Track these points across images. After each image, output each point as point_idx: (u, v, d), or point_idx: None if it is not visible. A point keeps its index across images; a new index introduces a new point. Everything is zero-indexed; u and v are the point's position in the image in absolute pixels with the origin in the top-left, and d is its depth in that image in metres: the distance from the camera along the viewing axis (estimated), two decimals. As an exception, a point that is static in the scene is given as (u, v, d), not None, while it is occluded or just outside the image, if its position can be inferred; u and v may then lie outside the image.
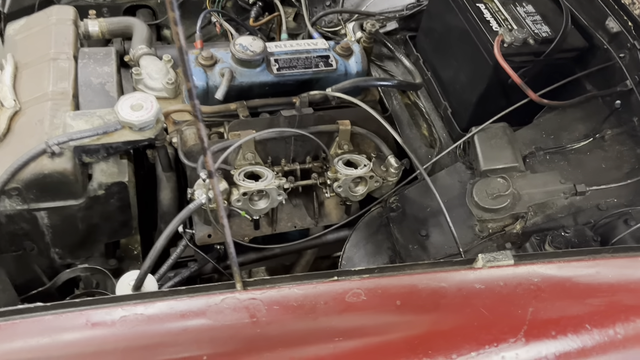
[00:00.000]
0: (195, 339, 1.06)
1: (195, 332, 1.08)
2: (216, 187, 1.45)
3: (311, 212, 1.80)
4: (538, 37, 1.74)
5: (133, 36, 1.85)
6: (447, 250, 1.65)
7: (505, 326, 1.08)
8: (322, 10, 2.13)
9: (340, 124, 1.64)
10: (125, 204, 1.72)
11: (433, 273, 1.17)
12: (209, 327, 1.09)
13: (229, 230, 1.52)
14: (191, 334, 1.07)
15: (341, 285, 1.15)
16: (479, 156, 1.67)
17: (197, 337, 1.07)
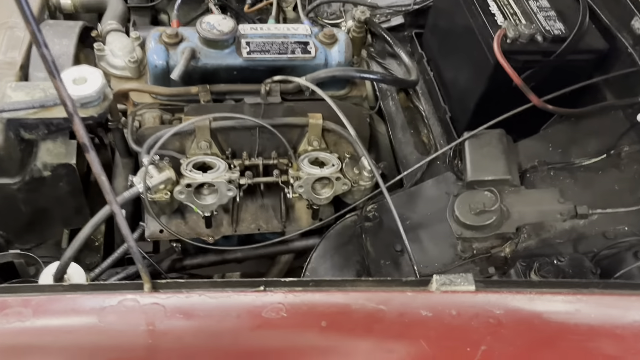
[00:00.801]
0: (71, 343, 0.92)
1: (76, 335, 0.94)
2: (145, 171, 1.33)
3: (278, 215, 1.65)
4: (549, 34, 1.54)
5: (105, 11, 1.75)
6: (423, 270, 1.46)
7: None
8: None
9: (310, 117, 1.48)
10: (76, 189, 1.61)
11: (373, 292, 0.99)
12: (95, 330, 0.94)
13: (155, 219, 1.39)
14: (69, 336, 0.93)
15: (261, 297, 0.98)
16: (467, 164, 1.48)
17: (74, 341, 0.92)
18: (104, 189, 0.89)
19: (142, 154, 1.37)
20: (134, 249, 0.97)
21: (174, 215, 1.60)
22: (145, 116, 1.55)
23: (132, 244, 0.97)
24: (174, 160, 1.41)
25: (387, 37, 1.98)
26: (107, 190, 0.90)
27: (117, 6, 1.76)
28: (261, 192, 1.63)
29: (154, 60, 1.49)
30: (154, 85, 1.51)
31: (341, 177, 1.42)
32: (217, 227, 1.61)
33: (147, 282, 1.00)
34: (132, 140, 1.46)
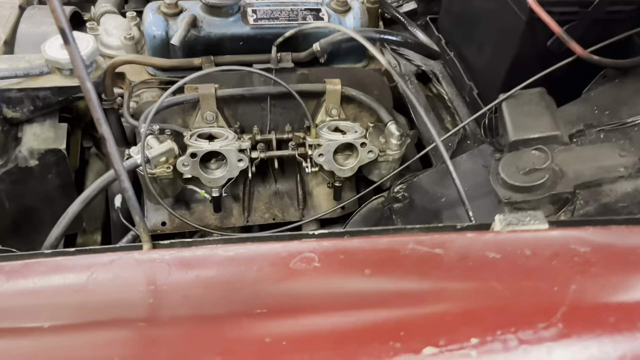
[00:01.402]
0: (51, 304, 0.74)
1: (59, 296, 0.75)
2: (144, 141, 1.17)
3: (295, 202, 1.48)
4: (584, -17, 1.41)
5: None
6: (466, 248, 1.27)
7: (530, 306, 0.70)
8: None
9: (328, 82, 1.34)
10: (67, 183, 1.45)
11: (425, 236, 0.82)
12: (82, 289, 0.76)
13: (157, 197, 1.19)
14: (50, 298, 0.75)
15: (288, 247, 0.81)
16: (508, 125, 1.32)
17: (56, 302, 0.74)
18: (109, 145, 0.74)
19: (140, 125, 1.22)
20: (136, 207, 0.81)
21: (178, 206, 1.43)
22: (144, 95, 1.41)
23: (135, 204, 0.81)
24: (176, 136, 1.26)
25: (400, 17, 1.87)
26: (111, 144, 0.74)
27: (112, -9, 1.66)
28: (275, 176, 1.47)
29: (152, 31, 1.37)
30: (153, 57, 1.38)
31: (367, 142, 1.26)
32: (227, 217, 1.44)
33: (146, 242, 0.83)
34: (129, 114, 1.31)
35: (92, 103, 0.70)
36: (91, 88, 0.69)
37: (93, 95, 0.69)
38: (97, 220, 1.87)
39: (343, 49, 1.49)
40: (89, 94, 0.70)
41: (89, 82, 0.69)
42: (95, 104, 0.70)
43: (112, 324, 0.70)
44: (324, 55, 1.38)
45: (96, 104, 0.70)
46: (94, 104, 0.69)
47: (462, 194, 0.99)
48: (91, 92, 0.69)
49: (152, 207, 1.41)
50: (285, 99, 1.37)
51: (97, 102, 0.70)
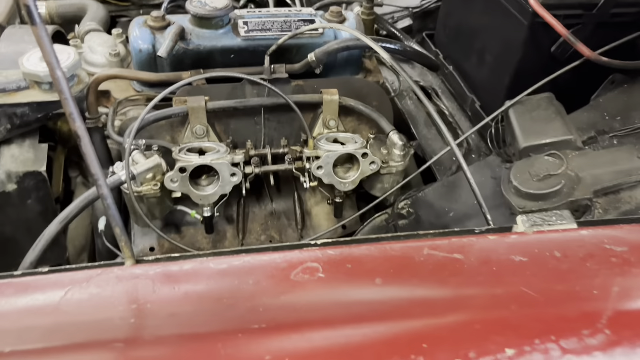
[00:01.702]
0: (21, 326, 0.64)
1: (30, 317, 0.66)
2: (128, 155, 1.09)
3: (293, 222, 1.39)
4: (587, -15, 1.37)
5: (85, 16, 1.59)
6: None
7: (569, 312, 0.62)
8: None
9: (324, 93, 1.27)
10: (48, 208, 1.36)
11: (441, 240, 0.73)
12: (56, 309, 0.67)
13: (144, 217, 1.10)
14: (20, 320, 0.66)
15: (287, 257, 0.72)
16: (517, 132, 1.26)
17: (26, 323, 0.65)
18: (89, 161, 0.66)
19: (124, 140, 1.15)
20: (112, 208, 0.72)
21: (167, 229, 1.34)
22: (129, 112, 1.34)
23: (116, 216, 0.73)
24: (165, 153, 1.18)
25: (396, 32, 1.83)
26: (93, 161, 0.67)
27: (97, 11, 1.61)
28: (270, 195, 1.39)
29: (139, 44, 1.31)
30: (139, 71, 1.31)
31: (368, 153, 1.19)
32: (220, 240, 1.35)
33: (128, 257, 0.75)
34: (113, 131, 1.23)
35: (64, 94, 0.62)
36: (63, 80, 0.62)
37: (64, 86, 0.62)
38: (83, 251, 1.78)
39: (339, 60, 1.43)
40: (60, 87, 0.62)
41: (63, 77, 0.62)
42: (68, 97, 0.63)
43: (85, 346, 0.61)
44: (319, 65, 1.32)
45: (68, 95, 0.62)
46: (65, 95, 0.62)
47: (479, 197, 0.92)
48: (62, 83, 0.62)
49: (139, 231, 1.32)
50: (279, 112, 1.31)
51: (69, 94, 0.62)
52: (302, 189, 1.39)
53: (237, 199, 1.36)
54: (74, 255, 1.72)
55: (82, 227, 1.82)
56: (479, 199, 0.91)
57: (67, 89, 0.62)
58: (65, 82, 0.62)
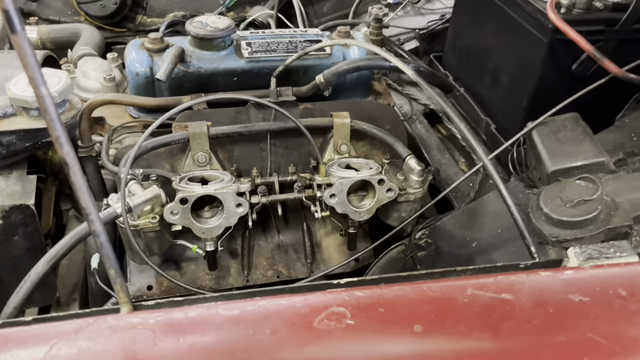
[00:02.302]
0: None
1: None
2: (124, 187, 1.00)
3: (302, 256, 1.29)
4: (607, 1, 1.31)
5: (78, 40, 1.52)
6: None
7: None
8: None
9: (335, 116, 1.19)
10: (36, 245, 1.26)
11: (485, 278, 0.64)
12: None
13: (141, 253, 1.00)
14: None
15: (309, 300, 0.63)
16: (543, 155, 1.17)
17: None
18: (79, 192, 0.58)
19: (120, 169, 1.06)
20: (105, 246, 0.63)
21: (166, 266, 1.24)
22: (125, 140, 1.25)
23: (109, 254, 0.63)
24: (164, 183, 1.09)
25: (404, 54, 1.77)
26: (83, 193, 0.58)
27: (91, 35, 1.54)
28: (277, 227, 1.30)
29: (135, 68, 1.23)
30: (136, 96, 1.23)
31: (385, 179, 1.10)
32: (224, 277, 1.25)
33: (125, 303, 0.65)
34: (108, 161, 1.14)
35: (50, 116, 0.53)
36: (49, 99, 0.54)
37: (50, 106, 0.53)
38: (75, 290, 1.67)
39: (348, 82, 1.36)
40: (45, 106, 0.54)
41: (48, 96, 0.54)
42: (55, 118, 0.54)
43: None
44: (328, 87, 1.24)
45: (55, 117, 0.54)
46: (51, 116, 0.53)
47: (520, 223, 0.82)
48: (47, 102, 0.53)
49: (136, 268, 1.22)
50: (287, 137, 1.23)
51: (56, 115, 0.54)
52: (311, 219, 1.29)
53: (241, 231, 1.27)
54: (65, 295, 1.61)
55: (75, 264, 1.71)
56: (522, 229, 0.82)
57: (53, 110, 0.53)
58: (51, 101, 0.53)
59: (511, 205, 0.85)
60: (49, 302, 1.50)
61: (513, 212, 0.84)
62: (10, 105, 1.08)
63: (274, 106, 1.13)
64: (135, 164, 1.12)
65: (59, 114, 0.55)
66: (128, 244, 1.07)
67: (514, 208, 0.85)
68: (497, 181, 0.88)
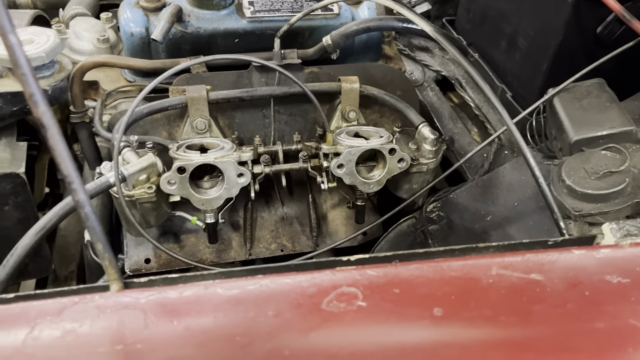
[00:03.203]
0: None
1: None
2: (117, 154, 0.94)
3: (307, 229, 1.24)
4: (637, -44, 1.22)
5: (70, 0, 1.44)
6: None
7: None
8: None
9: (343, 81, 1.12)
10: (29, 216, 1.20)
11: (512, 256, 0.58)
12: (16, 355, 0.52)
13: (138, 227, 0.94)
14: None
15: (316, 279, 0.57)
16: (565, 123, 1.10)
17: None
18: (59, 158, 0.51)
19: (113, 136, 0.99)
20: (91, 218, 0.57)
21: (164, 239, 1.19)
22: (120, 106, 1.19)
23: (95, 226, 0.57)
24: (161, 152, 1.02)
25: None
26: (64, 159, 0.52)
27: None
28: (281, 198, 1.24)
29: (130, 28, 1.15)
30: (131, 58, 1.16)
31: (397, 149, 1.03)
32: (225, 250, 1.20)
33: (115, 281, 0.59)
34: (102, 127, 1.08)
35: (21, 69, 0.47)
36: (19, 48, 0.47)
37: (20, 56, 0.46)
38: (72, 262, 1.62)
39: (357, 45, 1.28)
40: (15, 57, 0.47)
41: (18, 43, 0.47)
42: (27, 72, 0.47)
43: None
44: (336, 50, 1.17)
45: (27, 70, 0.47)
46: (23, 69, 0.46)
47: (548, 195, 0.76)
48: (17, 52, 0.46)
49: (133, 241, 1.17)
50: (291, 103, 1.16)
51: (29, 69, 0.47)
52: (317, 190, 1.23)
53: (243, 202, 1.21)
54: (61, 266, 1.57)
55: (72, 234, 1.66)
56: (550, 202, 0.75)
57: (25, 62, 0.47)
58: (22, 51, 0.47)
59: (539, 175, 0.78)
60: (43, 275, 1.45)
61: (541, 183, 0.77)
62: (-6, 67, 1.01)
63: (278, 68, 1.05)
64: (131, 130, 1.06)
65: (32, 67, 0.48)
66: (123, 215, 1.01)
67: (541, 179, 0.78)
68: (523, 148, 0.81)
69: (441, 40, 0.95)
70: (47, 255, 1.33)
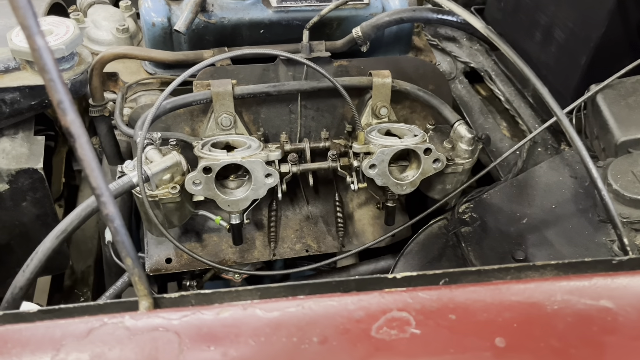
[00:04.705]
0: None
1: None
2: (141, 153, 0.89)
3: (333, 229, 1.19)
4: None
5: (88, -13, 1.39)
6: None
7: None
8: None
9: (375, 75, 1.07)
10: (47, 211, 1.17)
11: (577, 279, 0.53)
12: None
13: (161, 228, 0.90)
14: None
15: (363, 301, 0.53)
16: (610, 123, 1.04)
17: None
18: (89, 170, 0.47)
19: (135, 133, 0.95)
20: (121, 233, 0.53)
21: (186, 237, 1.15)
22: (141, 99, 1.15)
23: (125, 240, 0.53)
24: (184, 148, 0.98)
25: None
26: (94, 170, 0.47)
27: (102, -19, 1.41)
28: (306, 197, 1.19)
29: (151, 17, 1.11)
30: (152, 49, 1.11)
31: (432, 149, 0.98)
32: (249, 250, 1.16)
33: (144, 297, 0.55)
34: (122, 122, 1.04)
35: (49, 74, 0.42)
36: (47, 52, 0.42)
37: (49, 61, 0.42)
38: (89, 257, 1.60)
39: (386, 36, 1.23)
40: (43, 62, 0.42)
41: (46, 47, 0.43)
42: (55, 77, 0.43)
43: None
44: (366, 42, 1.11)
45: (55, 75, 0.43)
46: (51, 75, 0.42)
47: (611, 208, 0.70)
48: (45, 56, 0.42)
49: (154, 239, 1.13)
50: (318, 98, 1.11)
51: (57, 73, 0.43)
52: (343, 188, 1.19)
53: (268, 201, 1.17)
54: (79, 261, 1.54)
55: (89, 227, 1.63)
56: (613, 215, 0.70)
57: (53, 66, 0.42)
58: (50, 56, 0.42)
59: (599, 182, 0.72)
60: (61, 271, 1.43)
61: (602, 192, 0.71)
62: (12, 59, 0.97)
63: (308, 62, 1.00)
64: (152, 126, 1.01)
65: (60, 72, 0.44)
66: (145, 215, 0.97)
67: (601, 186, 0.72)
68: (579, 147, 0.75)
69: (492, 36, 0.90)
70: (66, 251, 1.30)
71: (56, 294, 1.47)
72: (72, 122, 0.45)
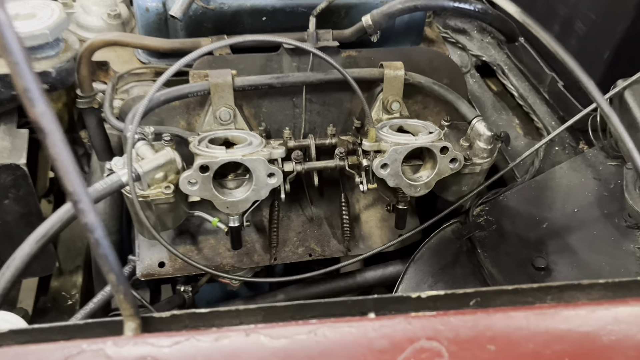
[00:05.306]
0: None
1: None
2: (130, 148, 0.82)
3: (339, 232, 1.12)
4: None
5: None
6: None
7: None
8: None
9: (387, 67, 0.99)
10: (31, 211, 1.10)
11: (633, 303, 0.46)
12: None
13: (152, 231, 0.83)
14: None
15: (386, 327, 0.45)
16: (639, 120, 0.97)
17: None
18: (61, 170, 0.40)
19: (126, 127, 0.88)
20: (105, 250, 0.45)
21: (180, 239, 1.08)
22: (133, 90, 1.07)
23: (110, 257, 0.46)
24: (179, 144, 0.91)
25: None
26: (68, 169, 0.40)
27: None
28: (310, 197, 1.12)
29: (145, 2, 1.03)
30: (146, 36, 1.04)
31: (449, 147, 0.91)
32: (248, 254, 1.09)
33: (130, 318, 0.48)
34: (112, 115, 0.96)
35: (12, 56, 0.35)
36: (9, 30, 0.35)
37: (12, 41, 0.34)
38: (78, 256, 1.52)
39: (398, 26, 1.15)
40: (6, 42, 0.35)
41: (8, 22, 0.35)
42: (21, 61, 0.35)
43: None
44: (377, 31, 1.04)
45: (21, 59, 0.35)
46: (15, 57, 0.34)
47: None
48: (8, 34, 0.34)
49: (145, 242, 1.06)
50: (324, 91, 1.03)
51: (23, 56, 0.35)
52: (349, 188, 1.12)
53: (269, 201, 1.09)
54: (67, 261, 1.47)
55: (78, 226, 1.56)
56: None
57: (17, 45, 0.35)
58: (13, 32, 0.35)
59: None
60: (47, 273, 1.36)
61: None
62: (-9, 44, 0.89)
63: (315, 51, 0.92)
64: (145, 119, 0.94)
65: (26, 54, 0.36)
66: (136, 217, 0.90)
67: None
68: (628, 144, 0.67)
69: (528, 22, 0.83)
70: (52, 252, 1.23)
71: (42, 297, 1.40)
72: (42, 114, 0.38)
